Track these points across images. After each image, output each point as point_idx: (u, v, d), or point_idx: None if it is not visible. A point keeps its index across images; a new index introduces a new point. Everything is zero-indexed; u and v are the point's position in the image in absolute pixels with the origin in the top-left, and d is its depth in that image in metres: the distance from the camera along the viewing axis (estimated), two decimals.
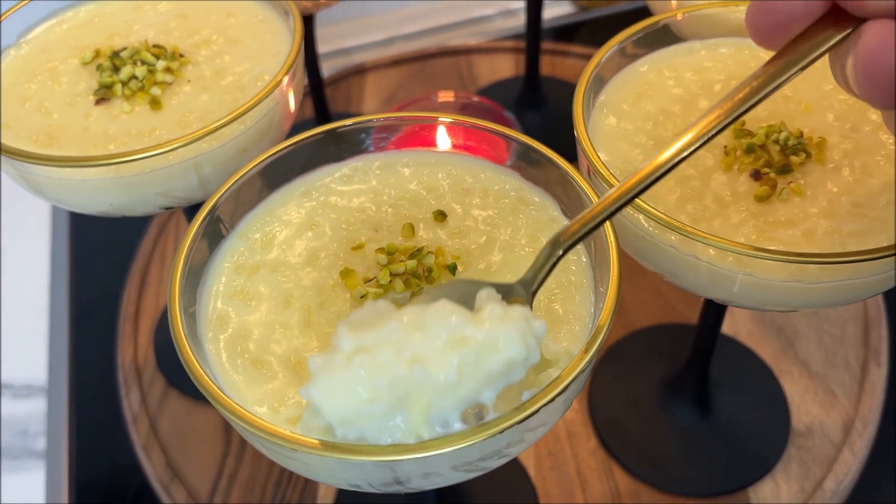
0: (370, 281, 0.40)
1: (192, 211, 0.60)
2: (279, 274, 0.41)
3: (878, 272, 0.40)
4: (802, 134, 0.46)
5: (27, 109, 0.54)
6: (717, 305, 0.58)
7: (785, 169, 0.45)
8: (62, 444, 0.72)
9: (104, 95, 0.54)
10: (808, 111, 0.49)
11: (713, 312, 0.59)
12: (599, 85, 0.51)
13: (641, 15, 0.55)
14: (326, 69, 1.05)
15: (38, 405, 0.75)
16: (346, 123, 0.46)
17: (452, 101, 0.97)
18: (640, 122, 0.49)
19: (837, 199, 0.43)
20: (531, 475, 0.65)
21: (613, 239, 0.37)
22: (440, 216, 0.43)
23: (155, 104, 0.53)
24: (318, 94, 0.88)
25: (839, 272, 0.39)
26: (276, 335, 0.39)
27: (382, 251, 0.41)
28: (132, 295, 0.82)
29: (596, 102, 0.51)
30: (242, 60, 0.56)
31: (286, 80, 0.51)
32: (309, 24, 0.78)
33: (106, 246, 0.89)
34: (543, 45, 1.01)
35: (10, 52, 0.59)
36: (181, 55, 0.56)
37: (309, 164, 0.46)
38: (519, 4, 1.17)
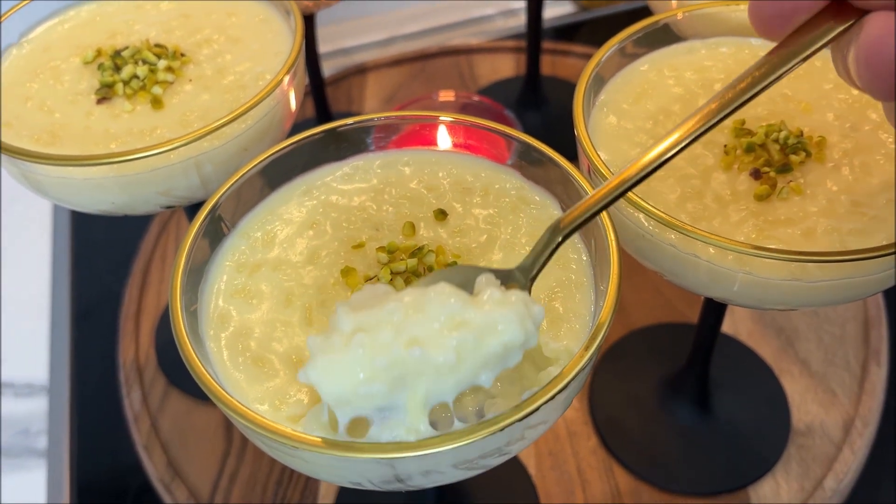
0: (371, 279, 0.40)
1: (193, 210, 0.60)
2: (280, 272, 0.41)
3: (877, 271, 0.40)
4: (802, 133, 0.46)
5: (29, 108, 0.54)
6: (717, 304, 0.58)
7: (785, 168, 0.45)
8: (63, 443, 0.72)
9: (106, 94, 0.54)
10: (807, 110, 0.49)
11: (713, 311, 0.59)
12: (600, 84, 0.51)
13: (642, 14, 0.55)
14: (327, 69, 1.05)
15: (39, 404, 0.75)
16: (346, 122, 0.46)
17: (453, 100, 0.97)
18: (640, 121, 0.49)
19: (837, 197, 0.43)
20: (531, 474, 0.65)
21: (613, 237, 0.37)
22: (441, 215, 0.44)
23: (156, 103, 0.53)
24: (318, 93, 0.89)
25: (839, 271, 0.39)
26: (277, 333, 0.39)
27: (383, 250, 0.41)
28: (133, 294, 0.82)
29: (596, 102, 0.51)
30: (243, 60, 0.56)
31: (287, 79, 0.51)
32: (310, 23, 0.78)
33: (107, 245, 0.89)
34: (544, 44, 1.01)
35: (11, 51, 0.59)
36: (182, 54, 0.56)
37: (310, 163, 0.46)
38: (519, 4, 1.17)
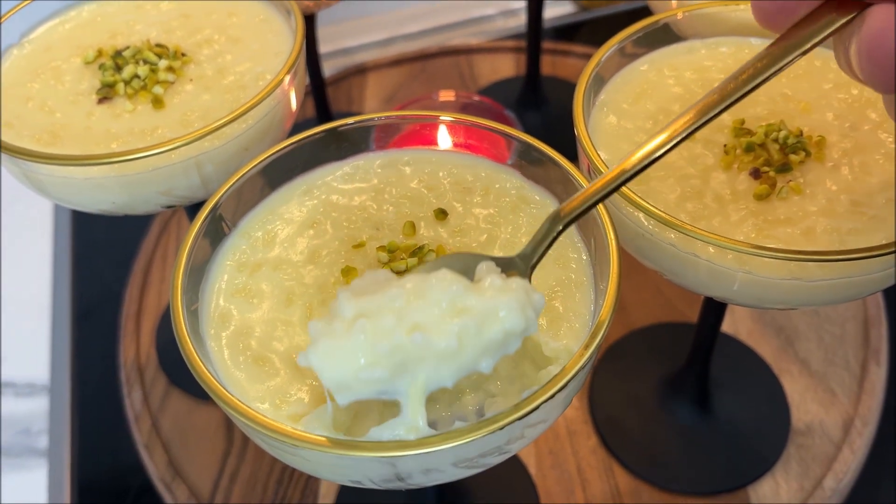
0: None
1: (193, 209, 0.60)
2: (281, 272, 0.42)
3: (876, 270, 0.40)
4: (802, 133, 0.46)
5: (30, 108, 0.54)
6: (716, 304, 0.58)
7: (784, 167, 0.45)
8: (64, 442, 0.72)
9: (106, 94, 0.54)
10: (807, 110, 0.49)
11: (713, 311, 0.59)
12: (600, 84, 0.51)
13: (642, 14, 0.55)
14: (328, 69, 1.05)
15: (40, 404, 0.75)
16: (347, 122, 0.46)
17: (453, 100, 0.97)
18: (640, 120, 0.49)
19: (836, 197, 0.44)
20: (532, 473, 0.65)
21: (613, 236, 0.37)
22: (441, 214, 0.44)
23: (157, 103, 0.53)
24: (319, 93, 0.89)
25: (838, 270, 0.39)
26: (277, 332, 0.39)
27: (383, 249, 0.41)
28: (134, 294, 0.82)
29: (596, 101, 0.51)
30: (244, 60, 0.57)
31: (287, 79, 0.51)
32: (310, 23, 0.78)
33: (108, 244, 0.90)
34: (544, 44, 1.01)
35: (12, 51, 0.59)
36: (183, 54, 0.57)
37: (310, 162, 0.47)
38: (520, 4, 1.17)
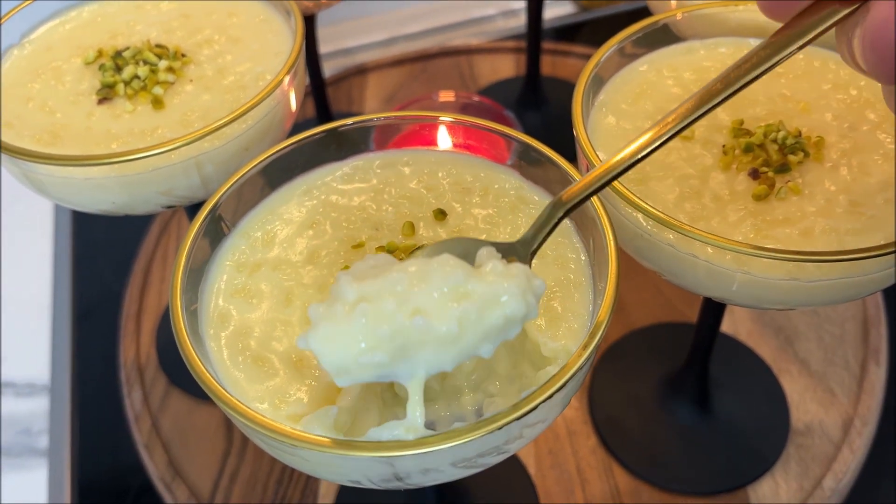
0: None
1: (193, 209, 0.60)
2: (280, 272, 0.42)
3: (875, 270, 0.40)
4: (801, 133, 0.46)
5: (30, 109, 0.54)
6: (716, 304, 0.58)
7: (783, 168, 0.45)
8: (64, 442, 0.72)
9: (107, 95, 0.54)
10: (806, 110, 0.49)
11: (712, 311, 0.59)
12: (599, 84, 0.51)
13: (642, 15, 0.55)
14: (328, 69, 1.05)
15: (40, 404, 0.75)
16: (347, 123, 0.46)
17: (453, 100, 0.97)
18: (639, 121, 0.49)
19: (835, 197, 0.44)
20: (531, 473, 0.66)
21: (612, 236, 0.37)
22: (440, 215, 0.44)
23: (157, 103, 0.53)
24: (319, 93, 0.89)
25: (837, 270, 0.39)
26: (277, 333, 0.39)
27: (383, 249, 0.41)
28: (134, 294, 0.82)
29: (595, 102, 0.51)
30: (244, 60, 0.57)
31: (287, 79, 0.52)
32: (310, 23, 0.78)
33: (108, 245, 0.90)
34: (544, 45, 1.02)
35: (13, 51, 0.59)
36: (183, 55, 0.57)
37: (310, 162, 0.47)
38: (520, 4, 1.17)
